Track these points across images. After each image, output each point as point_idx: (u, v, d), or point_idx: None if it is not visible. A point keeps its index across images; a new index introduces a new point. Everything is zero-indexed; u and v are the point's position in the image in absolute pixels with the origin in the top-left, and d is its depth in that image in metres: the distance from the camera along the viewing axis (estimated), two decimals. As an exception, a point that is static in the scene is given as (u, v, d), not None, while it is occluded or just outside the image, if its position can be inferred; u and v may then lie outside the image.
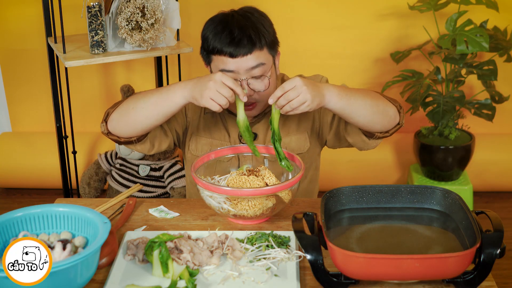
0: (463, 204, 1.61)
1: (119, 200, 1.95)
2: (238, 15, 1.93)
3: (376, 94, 1.91)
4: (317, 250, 1.47)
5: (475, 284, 1.48)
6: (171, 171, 3.26)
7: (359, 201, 1.71)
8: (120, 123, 1.91)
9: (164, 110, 1.85)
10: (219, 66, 1.91)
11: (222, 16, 1.94)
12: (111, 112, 1.94)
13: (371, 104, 1.85)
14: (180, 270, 1.53)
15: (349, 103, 1.81)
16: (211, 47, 1.91)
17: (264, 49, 1.91)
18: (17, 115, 3.74)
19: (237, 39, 1.87)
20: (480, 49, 3.00)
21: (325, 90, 1.79)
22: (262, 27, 1.91)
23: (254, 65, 1.89)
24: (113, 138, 1.96)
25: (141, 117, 1.88)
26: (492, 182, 3.58)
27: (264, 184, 1.78)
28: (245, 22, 1.90)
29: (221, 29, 1.90)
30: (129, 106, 1.89)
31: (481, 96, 3.43)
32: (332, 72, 3.51)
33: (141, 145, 1.98)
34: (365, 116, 1.85)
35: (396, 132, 1.96)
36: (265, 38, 1.90)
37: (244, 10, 1.96)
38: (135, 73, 3.61)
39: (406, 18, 3.43)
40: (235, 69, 1.89)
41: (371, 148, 1.98)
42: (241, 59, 1.88)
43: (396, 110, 1.92)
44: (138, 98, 1.89)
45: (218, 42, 1.89)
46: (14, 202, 3.60)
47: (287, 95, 1.74)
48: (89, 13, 2.61)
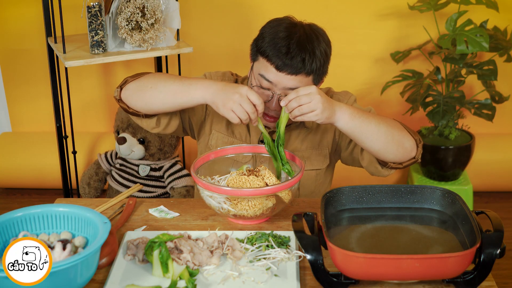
0: (463, 204, 1.61)
1: (119, 200, 1.95)
2: (303, 31, 1.86)
3: (395, 123, 1.87)
4: (317, 250, 1.47)
5: (475, 284, 1.48)
6: (171, 171, 3.26)
7: (359, 201, 1.71)
8: (134, 96, 1.87)
9: (180, 102, 1.81)
10: (261, 70, 1.86)
11: (289, 24, 1.88)
12: (129, 81, 1.90)
13: (386, 132, 1.81)
14: (180, 270, 1.53)
15: (361, 126, 1.78)
16: (263, 49, 1.85)
17: (310, 75, 1.86)
18: (17, 115, 3.74)
19: (290, 55, 1.81)
20: (480, 49, 3.00)
21: (338, 107, 1.76)
22: (318, 53, 1.85)
23: (293, 87, 1.84)
24: (123, 106, 1.92)
25: (156, 100, 1.84)
26: (492, 182, 3.58)
27: (264, 184, 1.78)
28: (306, 42, 1.84)
29: (282, 37, 1.84)
30: (148, 84, 1.85)
31: (481, 96, 3.43)
32: (332, 72, 3.50)
33: (147, 121, 1.93)
34: (376, 142, 1.81)
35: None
36: (316, 65, 1.85)
37: (312, 29, 1.90)
38: (135, 73, 3.60)
39: (406, 18, 3.43)
40: (274, 81, 1.85)
41: (382, 176, 1.94)
42: (285, 76, 1.83)
43: (415, 144, 1.87)
44: (159, 80, 1.84)
45: (272, 47, 1.83)
46: (14, 202, 3.59)
47: (300, 98, 1.71)
48: (89, 13, 2.61)
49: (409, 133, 1.88)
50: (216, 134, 2.04)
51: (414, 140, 1.87)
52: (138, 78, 1.90)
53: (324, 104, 1.72)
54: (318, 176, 2.04)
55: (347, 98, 2.03)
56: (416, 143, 1.88)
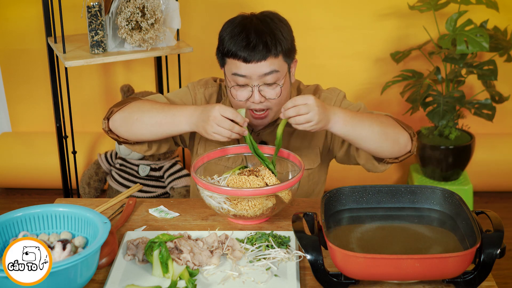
0: (463, 204, 1.61)
1: (119, 200, 1.95)
2: (257, 19, 1.90)
3: (388, 120, 1.87)
4: (317, 250, 1.47)
5: (475, 284, 1.48)
6: (171, 171, 3.26)
7: (359, 201, 1.71)
8: (123, 127, 1.91)
9: (168, 132, 1.86)
10: (232, 69, 1.88)
11: (241, 19, 1.91)
12: (115, 111, 1.93)
13: (380, 132, 1.82)
14: (180, 270, 1.53)
15: (355, 129, 1.79)
16: (226, 50, 1.88)
17: (279, 56, 1.87)
18: (17, 115, 3.74)
19: (252, 44, 1.84)
20: (480, 49, 3.00)
21: (332, 115, 1.77)
22: (279, 34, 1.88)
23: (267, 72, 1.86)
24: (112, 137, 1.96)
25: (144, 131, 1.88)
26: (492, 182, 3.58)
27: (264, 184, 1.78)
28: (263, 27, 1.87)
29: (238, 32, 1.87)
30: (133, 116, 1.88)
31: (481, 96, 3.43)
32: (332, 72, 3.52)
33: (139, 146, 1.97)
34: (371, 143, 1.83)
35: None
36: (281, 45, 1.87)
37: (264, 15, 1.93)
38: (135, 73, 3.61)
39: (406, 18, 3.43)
40: (247, 74, 1.86)
41: (379, 171, 1.96)
42: (255, 64, 1.85)
43: (409, 138, 1.88)
44: (144, 111, 1.88)
45: (233, 45, 1.86)
46: (14, 202, 3.60)
47: (299, 108, 1.73)
48: (89, 13, 2.61)
49: (403, 127, 1.89)
50: (204, 142, 2.06)
51: (408, 134, 1.88)
52: (123, 108, 1.93)
53: (320, 116, 1.73)
54: (311, 175, 2.05)
55: (335, 95, 2.04)
56: (411, 136, 1.89)
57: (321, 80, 2.23)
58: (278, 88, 1.90)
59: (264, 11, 1.96)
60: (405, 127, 1.89)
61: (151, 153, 2.01)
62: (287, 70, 1.93)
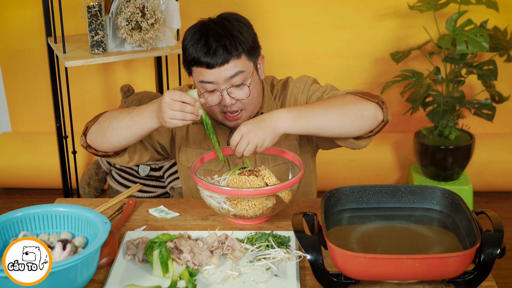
0: (463, 204, 1.61)
1: (119, 200, 1.95)
2: (214, 24, 1.89)
3: (346, 98, 1.83)
4: (317, 250, 1.47)
5: (475, 284, 1.48)
6: (171, 171, 3.26)
7: (359, 201, 1.71)
8: (97, 139, 1.92)
9: (137, 133, 1.85)
10: (199, 77, 1.88)
11: (200, 25, 1.91)
12: (89, 126, 1.95)
13: (338, 113, 1.79)
14: (180, 270, 1.53)
15: (309, 122, 1.77)
16: (189, 58, 1.88)
17: (242, 56, 1.87)
18: (17, 115, 3.74)
19: (212, 49, 1.84)
20: (480, 49, 3.00)
21: (276, 120, 1.76)
22: (239, 34, 1.87)
23: (233, 74, 1.86)
24: (91, 151, 1.97)
25: (116, 137, 1.88)
26: (492, 182, 3.58)
27: (264, 184, 1.78)
28: (220, 31, 1.86)
29: (198, 39, 1.87)
30: (104, 125, 1.89)
31: (481, 96, 3.43)
32: (332, 72, 3.52)
33: (120, 158, 1.98)
34: (333, 128, 1.80)
35: (396, 132, 1.94)
36: (242, 46, 1.86)
37: (221, 18, 1.92)
38: (135, 73, 3.61)
39: (406, 18, 3.43)
40: (213, 80, 1.86)
41: (362, 147, 1.91)
42: (218, 69, 1.85)
43: (377, 107, 1.82)
44: (112, 118, 1.89)
45: (195, 53, 1.86)
46: (14, 202, 3.60)
47: (239, 147, 1.74)
48: (89, 13, 2.61)
49: (367, 99, 1.83)
50: (185, 149, 2.06)
51: (375, 104, 1.83)
52: (96, 120, 1.94)
53: (261, 134, 1.73)
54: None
55: (303, 82, 2.03)
56: (379, 105, 1.84)
57: (321, 80, 2.23)
58: (246, 88, 1.89)
59: (223, 13, 1.96)
60: (370, 98, 1.84)
61: (133, 163, 2.02)
62: (254, 68, 1.92)
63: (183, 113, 1.74)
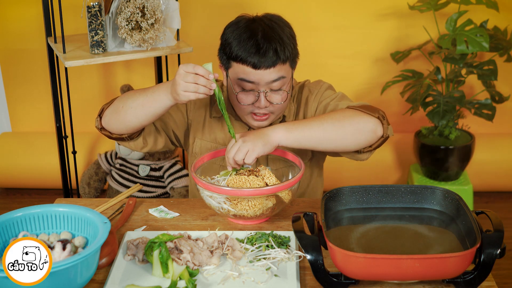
0: (463, 204, 1.61)
1: (119, 200, 1.95)
2: (264, 24, 1.88)
3: (345, 112, 1.82)
4: (317, 250, 1.47)
5: (475, 284, 1.48)
6: (171, 171, 3.26)
7: (359, 201, 1.71)
8: (112, 120, 1.90)
9: (152, 111, 1.84)
10: (239, 74, 1.87)
11: (247, 23, 1.89)
12: (105, 108, 1.94)
13: (333, 128, 1.78)
14: (180, 270, 1.53)
15: (303, 134, 1.78)
16: (234, 54, 1.86)
17: (287, 63, 1.87)
18: (17, 115, 3.74)
19: (262, 50, 1.82)
20: (480, 49, 3.00)
21: (270, 131, 1.77)
22: (286, 39, 1.86)
23: (275, 79, 1.86)
24: (105, 134, 1.96)
25: (131, 117, 1.86)
26: (492, 182, 3.58)
27: (264, 184, 1.78)
28: (271, 33, 1.85)
29: (247, 37, 1.85)
30: (119, 105, 1.88)
31: (481, 96, 3.43)
32: (332, 72, 3.51)
33: (134, 142, 1.97)
34: (328, 142, 1.80)
35: (396, 132, 1.94)
36: (289, 51, 1.86)
37: (269, 19, 1.91)
38: (135, 73, 3.61)
39: (406, 18, 3.43)
40: (255, 81, 1.85)
41: (362, 160, 1.91)
42: (263, 71, 1.84)
43: (377, 123, 1.81)
44: (128, 97, 1.88)
45: (242, 50, 1.84)
46: (14, 202, 3.60)
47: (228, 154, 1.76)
48: (89, 13, 2.61)
49: (366, 114, 1.82)
50: (199, 141, 2.06)
51: (375, 119, 1.81)
52: (112, 103, 1.94)
53: (251, 141, 1.74)
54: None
55: (318, 87, 2.04)
56: (380, 120, 1.82)
57: (321, 80, 2.24)
58: (284, 94, 1.90)
59: (267, 14, 1.94)
60: (370, 113, 1.82)
61: (147, 149, 2.00)
62: (292, 75, 1.93)
63: (196, 85, 1.71)
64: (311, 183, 2.10)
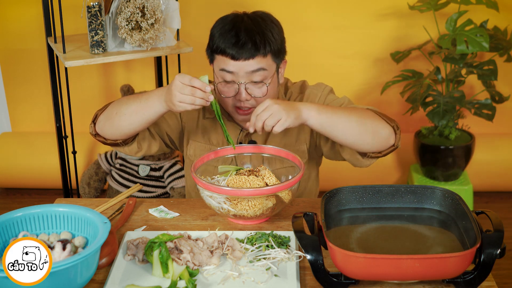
0: (463, 204, 1.61)
1: (119, 200, 1.95)
2: (248, 18, 1.92)
3: (368, 113, 1.85)
4: (317, 250, 1.47)
5: (475, 284, 1.48)
6: (171, 171, 3.26)
7: (359, 201, 1.71)
8: (106, 126, 1.92)
9: (145, 118, 1.86)
10: (220, 65, 1.91)
11: (233, 17, 1.94)
12: (99, 114, 1.95)
13: (357, 122, 1.81)
14: (180, 270, 1.53)
15: (331, 119, 1.79)
16: (215, 46, 1.91)
17: (268, 56, 1.89)
18: (17, 115, 3.74)
19: (241, 42, 1.87)
20: (480, 49, 3.00)
21: (302, 106, 1.78)
22: (269, 34, 1.90)
23: (254, 69, 1.88)
24: (100, 140, 1.97)
25: (124, 123, 1.88)
26: (492, 182, 3.58)
27: (264, 184, 1.78)
28: (253, 26, 1.89)
29: (229, 29, 1.90)
30: (113, 111, 1.90)
31: (481, 96, 3.43)
32: (332, 72, 3.51)
33: (128, 147, 1.99)
34: (349, 134, 1.81)
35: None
36: (270, 45, 1.89)
37: (256, 14, 1.95)
38: (135, 73, 3.61)
39: (406, 18, 3.43)
40: (234, 71, 1.89)
41: (364, 166, 1.94)
42: (242, 62, 1.87)
43: (392, 131, 1.85)
44: (121, 104, 1.89)
45: (222, 42, 1.89)
46: (14, 202, 3.60)
47: (260, 115, 1.75)
48: (89, 13, 2.61)
49: (385, 121, 1.86)
50: (194, 143, 2.07)
51: (391, 128, 1.85)
52: (105, 108, 1.95)
53: (285, 110, 1.74)
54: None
55: (321, 90, 2.05)
56: (394, 130, 1.86)
57: (321, 80, 2.23)
58: (265, 87, 1.91)
59: (257, 11, 1.98)
60: (387, 120, 1.86)
61: (142, 154, 2.02)
62: (275, 70, 1.94)
63: (193, 97, 1.74)
64: (308, 185, 2.10)
